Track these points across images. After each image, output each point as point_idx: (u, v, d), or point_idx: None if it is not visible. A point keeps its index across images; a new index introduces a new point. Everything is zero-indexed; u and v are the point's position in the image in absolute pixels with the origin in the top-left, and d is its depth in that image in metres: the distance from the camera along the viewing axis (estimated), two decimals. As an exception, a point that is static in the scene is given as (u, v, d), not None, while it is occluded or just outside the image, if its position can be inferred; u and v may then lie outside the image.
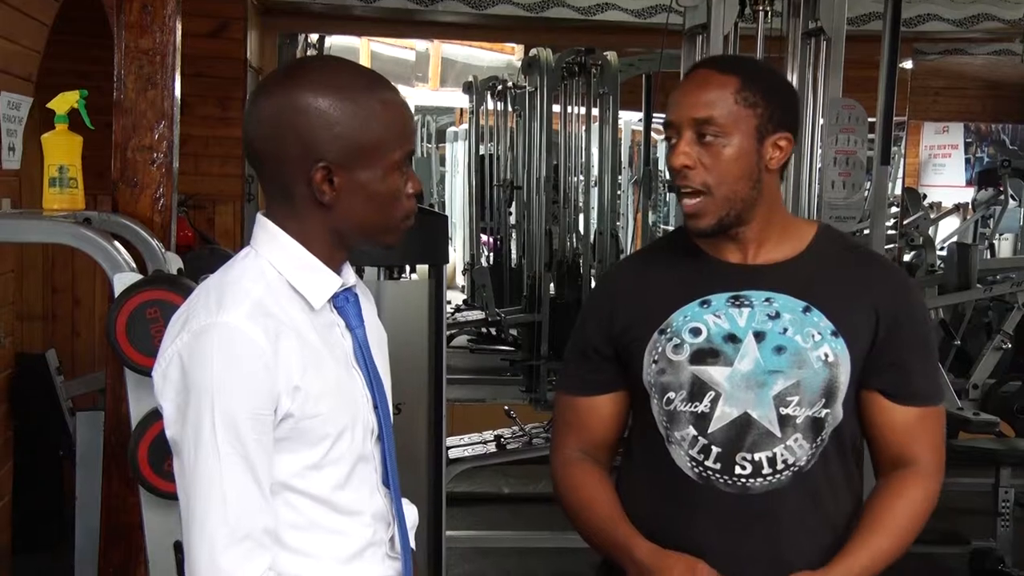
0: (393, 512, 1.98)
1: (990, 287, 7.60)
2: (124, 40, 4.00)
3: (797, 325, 2.13)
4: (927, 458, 2.17)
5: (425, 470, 4.18)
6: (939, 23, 7.82)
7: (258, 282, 1.83)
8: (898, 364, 2.17)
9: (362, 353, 1.94)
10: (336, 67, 1.91)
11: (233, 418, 1.73)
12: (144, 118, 4.03)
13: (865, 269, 2.27)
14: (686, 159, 2.09)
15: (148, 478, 2.94)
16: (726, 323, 2.14)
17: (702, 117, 2.08)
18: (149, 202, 4.00)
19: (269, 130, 1.84)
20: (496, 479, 7.23)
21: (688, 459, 2.12)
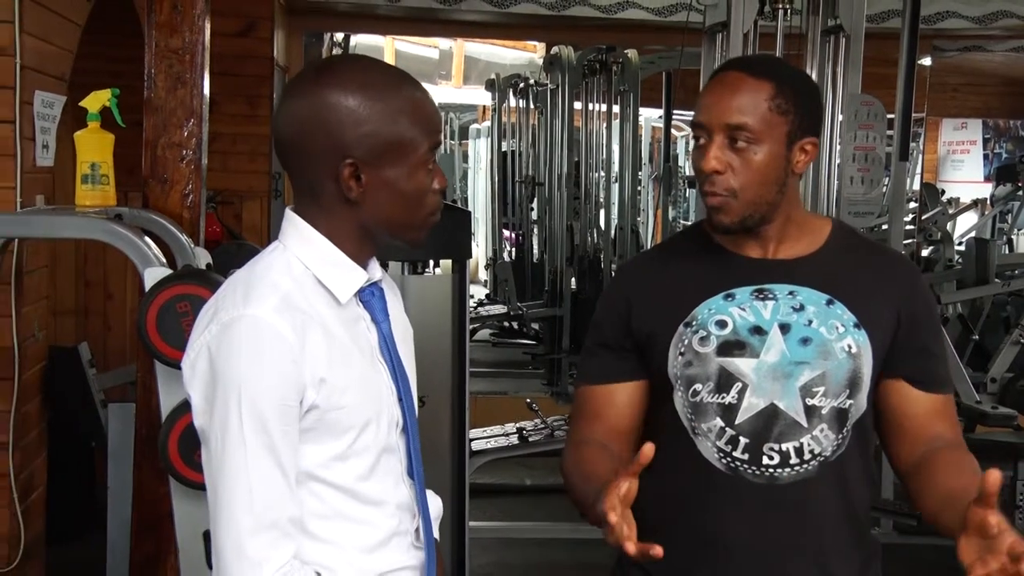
0: (417, 503, 1.99)
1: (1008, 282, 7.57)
2: (154, 39, 4.02)
3: (821, 317, 2.13)
4: (958, 438, 2.18)
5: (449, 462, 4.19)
6: (958, 20, 7.80)
7: (285, 276, 1.84)
8: (922, 353, 2.17)
9: (387, 346, 1.94)
10: (364, 66, 1.91)
11: (260, 409, 1.74)
12: (174, 116, 4.04)
13: (882, 264, 2.27)
14: (717, 164, 2.07)
15: (178, 469, 2.95)
16: (751, 316, 2.13)
17: (736, 123, 2.06)
18: (179, 198, 4.02)
19: (298, 127, 1.84)
20: (518, 471, 7.23)
21: (716, 450, 2.11)
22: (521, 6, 7.55)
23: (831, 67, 4.34)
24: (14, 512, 4.23)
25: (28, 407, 4.41)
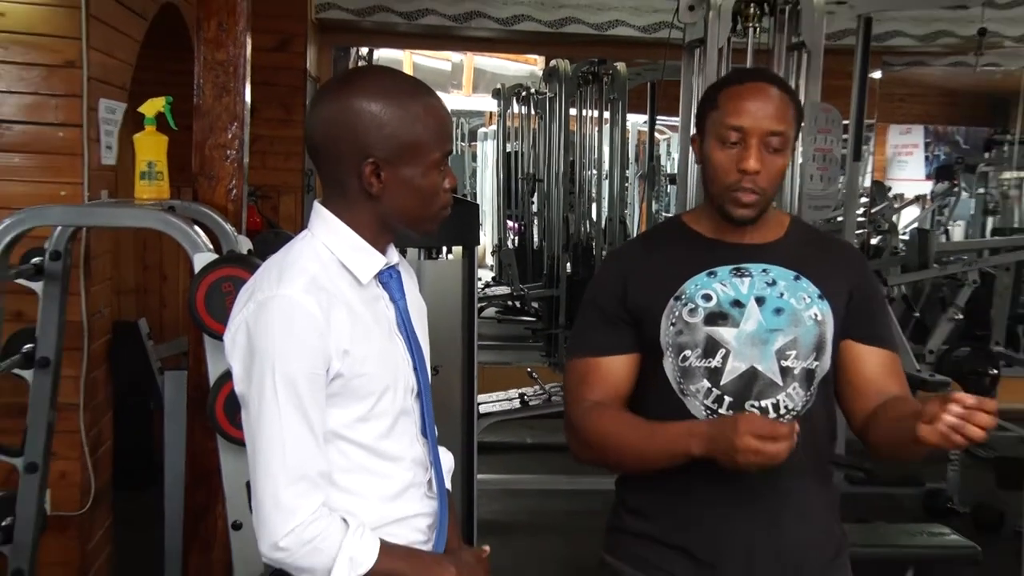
0: (430, 458, 2.00)
1: (945, 266, 7.61)
2: (203, 53, 4.02)
3: (791, 290, 2.16)
4: (906, 393, 2.20)
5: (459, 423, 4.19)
6: (904, 39, 7.89)
7: (314, 261, 1.85)
8: (868, 318, 2.21)
9: (403, 322, 1.95)
10: (386, 76, 1.91)
11: (291, 377, 1.75)
12: (219, 120, 4.04)
13: (834, 249, 2.33)
14: (758, 164, 2.09)
15: (224, 428, 2.96)
16: (731, 290, 2.16)
17: (777, 130, 2.09)
18: (224, 192, 4.02)
19: (327, 129, 1.84)
20: (520, 431, 7.25)
21: (703, 408, 2.13)
22: (524, 24, 7.60)
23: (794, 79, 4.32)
24: (85, 464, 4.27)
25: (96, 374, 4.42)
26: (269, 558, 1.81)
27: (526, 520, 5.91)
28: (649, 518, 2.20)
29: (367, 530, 1.83)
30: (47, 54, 4.07)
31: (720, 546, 2.14)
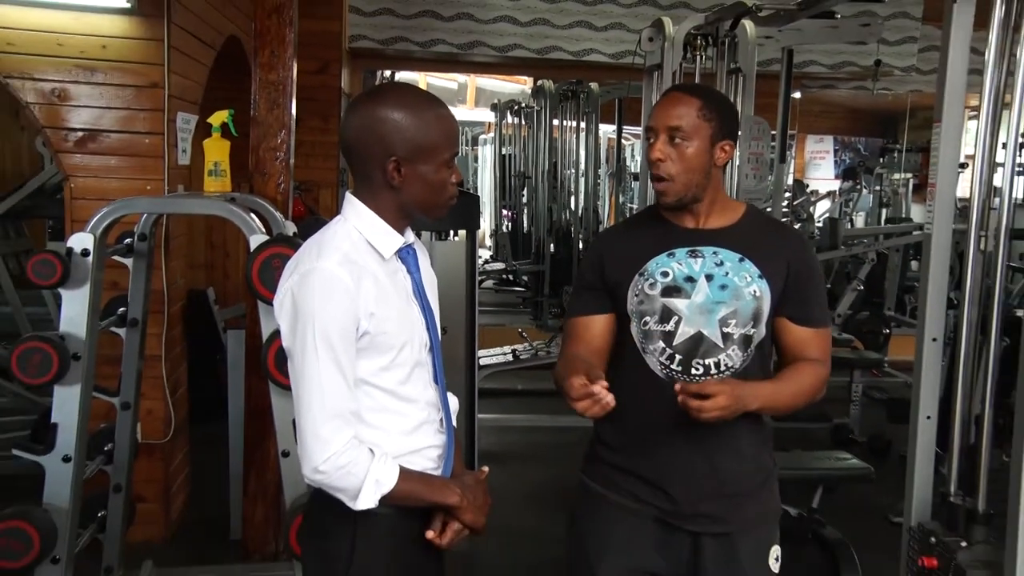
0: (440, 401, 1.99)
1: (850, 248, 7.67)
2: (258, 75, 4.03)
3: (735, 270, 2.14)
4: (820, 357, 2.18)
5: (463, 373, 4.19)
6: (817, 66, 8.03)
7: (346, 240, 1.84)
8: (801, 299, 2.18)
9: (418, 290, 1.94)
10: (406, 90, 1.91)
11: (328, 334, 1.75)
12: (271, 128, 4.04)
13: (780, 235, 2.28)
14: (661, 154, 2.10)
15: (274, 375, 2.95)
16: (685, 268, 2.14)
17: (674, 125, 2.09)
18: (274, 187, 4.02)
19: (358, 133, 1.84)
20: (512, 379, 7.24)
21: (659, 364, 2.13)
22: (516, 51, 7.64)
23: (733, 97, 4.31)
24: (166, 403, 4.31)
25: (174, 331, 4.44)
26: (311, 480, 1.81)
27: (517, 450, 5.92)
28: (616, 450, 2.19)
29: (389, 458, 1.83)
30: (137, 77, 4.11)
31: (670, 474, 2.14)
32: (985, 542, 2.60)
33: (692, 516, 2.14)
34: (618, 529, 2.20)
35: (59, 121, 4.08)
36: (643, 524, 2.18)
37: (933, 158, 2.77)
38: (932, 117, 2.78)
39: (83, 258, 3.20)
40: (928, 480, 2.85)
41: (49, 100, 4.05)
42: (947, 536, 2.67)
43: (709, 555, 2.16)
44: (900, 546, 2.86)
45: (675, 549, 2.17)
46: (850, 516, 4.60)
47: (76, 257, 3.19)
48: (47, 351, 3.14)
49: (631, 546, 2.19)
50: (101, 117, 4.10)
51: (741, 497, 2.18)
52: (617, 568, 2.19)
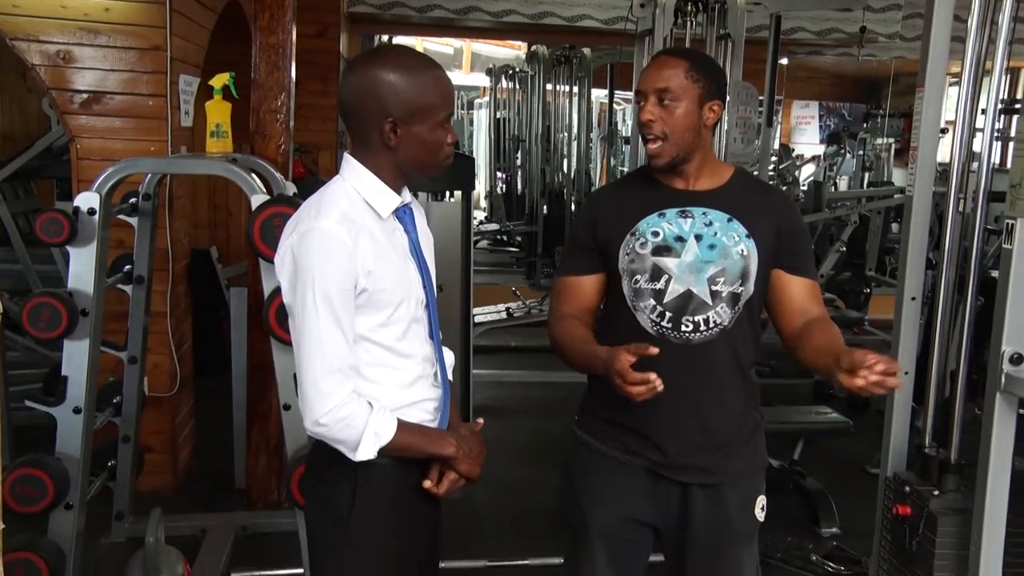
0: (436, 356, 1.99)
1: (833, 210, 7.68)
2: (259, 38, 4.02)
3: (724, 230, 2.13)
4: (823, 313, 2.19)
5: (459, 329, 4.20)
6: (804, 33, 7.98)
7: (344, 199, 1.82)
8: (794, 252, 2.17)
9: (415, 249, 1.93)
10: (402, 52, 1.88)
11: (327, 291, 1.74)
12: (271, 91, 4.03)
13: (767, 196, 2.27)
14: (650, 115, 2.08)
15: (275, 331, 2.95)
16: (675, 228, 2.13)
17: (662, 87, 2.07)
18: (274, 148, 4.01)
19: (355, 95, 1.82)
20: (506, 336, 7.27)
21: (650, 321, 2.12)
22: (511, 17, 7.62)
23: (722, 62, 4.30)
24: (172, 357, 4.31)
25: (178, 288, 4.44)
26: (312, 432, 1.81)
27: (511, 404, 5.93)
28: (608, 404, 2.18)
29: (387, 411, 1.83)
30: (140, 40, 4.07)
31: (661, 428, 2.14)
32: (956, 491, 2.63)
33: (682, 468, 2.15)
34: (611, 480, 2.21)
35: (64, 83, 4.05)
36: (635, 475, 2.19)
37: (915, 123, 2.76)
38: (915, 83, 2.77)
39: (89, 217, 3.20)
40: (904, 433, 2.87)
41: (54, 62, 4.02)
42: (921, 485, 2.70)
43: (698, 505, 2.17)
44: (876, 495, 2.90)
45: (665, 499, 2.19)
46: (829, 467, 4.65)
47: (83, 216, 3.19)
48: (56, 307, 3.15)
49: (623, 496, 2.20)
50: (105, 79, 4.07)
51: (729, 450, 2.18)
52: (610, 517, 2.21)
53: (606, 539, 2.22)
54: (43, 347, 4.86)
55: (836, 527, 4.14)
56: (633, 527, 2.22)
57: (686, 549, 2.21)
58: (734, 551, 2.22)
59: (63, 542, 3.17)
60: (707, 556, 2.20)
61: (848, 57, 9.29)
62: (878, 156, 10.60)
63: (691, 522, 2.18)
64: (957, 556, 2.57)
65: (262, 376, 4.01)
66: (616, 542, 2.22)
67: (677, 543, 2.22)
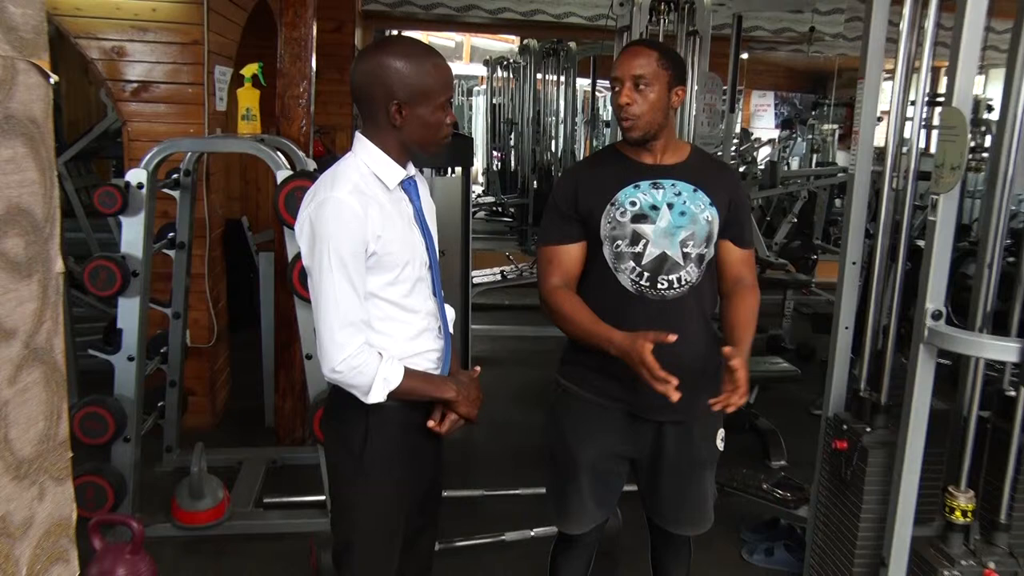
0: (439, 311, 1.98)
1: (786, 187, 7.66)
2: (283, 33, 3.99)
3: (691, 199, 2.13)
4: (752, 279, 2.21)
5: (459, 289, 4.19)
6: (762, 31, 8.02)
7: (356, 172, 1.81)
8: (739, 224, 2.19)
9: (419, 216, 1.92)
10: (406, 42, 1.85)
11: (341, 254, 1.74)
12: (295, 79, 4.00)
13: (720, 171, 2.26)
14: (628, 99, 2.08)
15: (298, 290, 2.96)
16: (650, 198, 2.13)
17: (638, 74, 2.07)
18: (297, 129, 3.98)
19: (365, 79, 1.80)
20: (501, 295, 7.27)
21: (630, 281, 2.13)
22: (505, 13, 7.66)
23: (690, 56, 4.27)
24: (209, 313, 4.32)
25: (215, 253, 4.43)
26: (329, 378, 1.82)
27: (505, 355, 5.96)
28: (588, 352, 2.18)
29: (395, 360, 1.84)
30: (182, 35, 4.06)
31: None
32: (885, 427, 2.66)
33: (657, 408, 2.15)
34: (593, 420, 2.23)
35: (118, 74, 4.04)
36: (613, 416, 2.20)
37: (856, 111, 2.76)
38: (856, 77, 2.76)
39: (138, 190, 3.21)
40: (843, 379, 2.89)
41: (109, 56, 4.01)
42: (855, 423, 2.73)
43: (669, 439, 2.21)
44: (818, 432, 2.92)
45: (640, 435, 2.21)
46: (779, 409, 4.68)
47: (133, 189, 3.20)
48: (112, 269, 3.17)
49: (605, 434, 2.22)
50: (152, 70, 4.06)
51: (697, 392, 2.18)
52: (594, 452, 2.23)
53: (590, 470, 2.25)
54: (102, 304, 4.89)
55: (784, 460, 4.18)
56: (613, 459, 2.25)
57: (659, 475, 2.25)
58: (700, 475, 2.28)
59: (123, 469, 3.22)
60: (677, 480, 2.25)
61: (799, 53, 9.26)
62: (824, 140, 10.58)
63: (663, 454, 2.22)
64: (883, 482, 2.60)
65: (287, 330, 4.02)
66: (598, 472, 2.25)
67: (651, 471, 2.26)
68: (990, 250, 2.49)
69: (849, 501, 2.72)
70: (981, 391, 2.57)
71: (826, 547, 2.86)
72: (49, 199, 1.27)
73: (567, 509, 2.30)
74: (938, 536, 2.56)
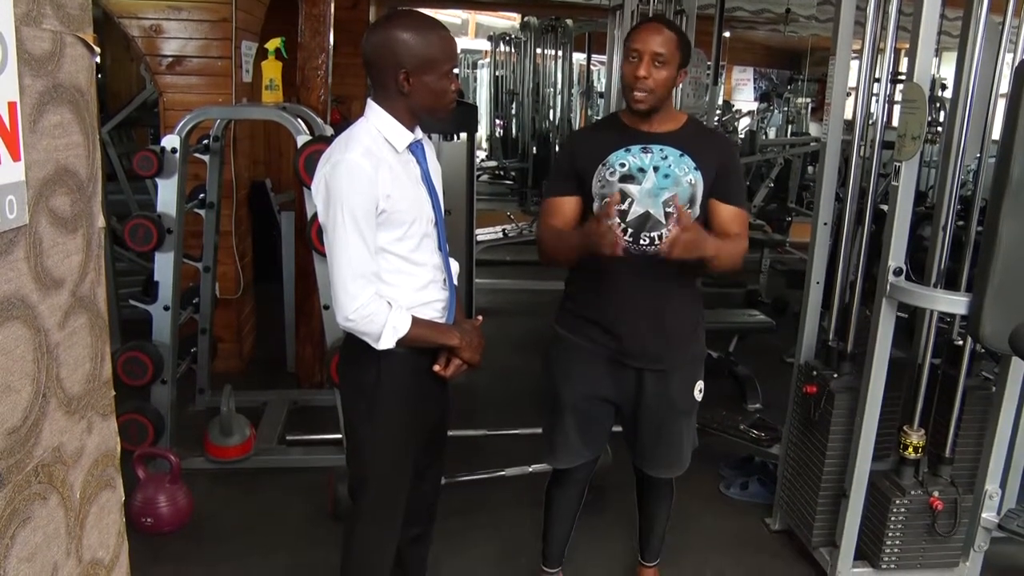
0: (444, 264, 1.98)
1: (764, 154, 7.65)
2: (304, 9, 3.97)
3: (676, 163, 2.12)
4: (740, 232, 2.17)
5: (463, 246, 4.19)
6: (743, 12, 7.91)
7: (367, 136, 1.80)
8: (728, 186, 2.16)
9: (426, 177, 1.91)
10: (414, 15, 1.83)
11: (353, 212, 1.73)
12: (314, 52, 3.98)
13: (712, 139, 2.25)
14: (646, 72, 2.05)
15: (316, 246, 2.96)
16: (638, 161, 2.12)
17: (659, 52, 2.04)
18: (316, 98, 3.97)
19: (376, 50, 1.79)
20: (502, 252, 7.27)
21: None
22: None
23: (677, 33, 4.26)
24: (236, 267, 4.33)
25: (241, 212, 4.43)
26: (343, 326, 1.82)
27: (505, 306, 5.97)
28: (581, 302, 2.21)
29: (403, 309, 1.84)
30: (212, 13, 4.04)
31: (621, 323, 2.17)
32: (850, 374, 2.69)
33: (638, 356, 2.17)
34: (580, 364, 2.24)
35: (155, 50, 4.03)
36: (598, 361, 2.21)
37: (828, 86, 2.75)
38: (828, 55, 2.75)
39: (172, 155, 3.22)
40: (814, 330, 2.92)
41: (148, 34, 4.01)
42: (824, 370, 2.76)
43: (649, 386, 2.21)
44: (791, 378, 2.95)
45: (623, 380, 2.22)
46: (756, 357, 4.71)
47: (167, 154, 3.21)
48: (149, 226, 3.19)
49: (589, 377, 2.23)
50: (185, 46, 4.04)
51: (676, 342, 2.20)
52: (578, 393, 2.24)
53: (574, 410, 2.26)
54: (141, 259, 4.92)
55: (759, 403, 4.22)
56: (596, 402, 2.26)
57: (638, 420, 2.26)
58: (676, 422, 2.27)
59: (161, 408, 3.25)
60: (654, 425, 2.26)
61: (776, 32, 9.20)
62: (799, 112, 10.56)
63: (643, 399, 2.22)
64: (847, 422, 2.64)
65: (306, 282, 4.04)
66: (581, 412, 2.26)
67: (632, 415, 2.27)
68: (944, 214, 2.50)
69: (816, 440, 2.76)
70: (934, 341, 2.61)
71: (795, 481, 2.90)
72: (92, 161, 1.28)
73: (553, 444, 2.32)
74: (892, 470, 2.61)
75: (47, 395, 1.16)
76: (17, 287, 1.08)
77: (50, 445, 1.17)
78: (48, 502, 1.17)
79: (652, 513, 2.52)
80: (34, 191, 1.11)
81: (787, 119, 10.57)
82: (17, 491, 1.09)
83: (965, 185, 2.64)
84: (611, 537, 2.96)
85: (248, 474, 3.32)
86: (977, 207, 2.61)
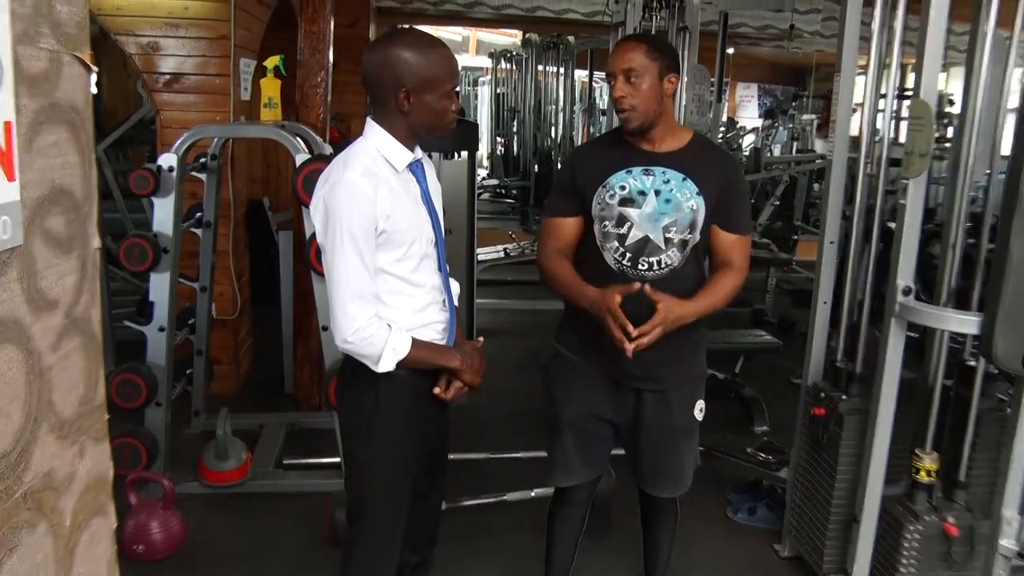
0: (444, 285, 1.97)
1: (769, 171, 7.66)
2: (303, 27, 4.00)
3: (678, 188, 2.11)
4: (739, 263, 2.17)
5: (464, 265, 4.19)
6: (747, 28, 7.97)
7: (367, 156, 1.80)
8: (729, 211, 2.15)
9: (426, 197, 1.91)
10: (414, 33, 1.84)
11: (352, 232, 1.73)
12: (313, 70, 4.00)
13: (717, 158, 2.22)
14: (622, 92, 2.06)
15: (314, 266, 2.96)
16: (639, 184, 2.11)
17: (627, 67, 2.05)
18: (315, 116, 3.98)
19: (376, 68, 1.79)
20: (503, 271, 7.27)
21: (613, 259, 2.13)
22: (509, 10, 7.59)
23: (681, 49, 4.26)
24: (233, 287, 4.34)
25: (238, 231, 4.44)
26: (342, 348, 1.82)
27: (507, 326, 5.98)
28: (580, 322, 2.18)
29: (403, 331, 1.83)
30: (210, 31, 4.07)
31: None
32: (859, 395, 2.67)
33: (638, 376, 2.17)
34: (579, 384, 2.23)
35: (152, 67, 4.07)
36: (598, 381, 2.21)
37: (833, 103, 2.76)
38: (833, 71, 2.76)
39: (169, 173, 3.22)
40: (822, 350, 2.90)
41: (145, 51, 4.04)
42: (832, 391, 2.74)
43: (648, 406, 2.20)
44: (798, 400, 2.94)
45: (622, 401, 2.21)
46: (762, 378, 4.69)
47: (164, 173, 3.22)
48: (144, 245, 3.20)
49: (588, 396, 2.23)
50: (183, 63, 4.07)
51: (675, 363, 2.20)
52: (577, 413, 2.24)
53: (573, 428, 2.26)
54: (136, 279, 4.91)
55: (766, 426, 4.19)
56: (595, 421, 2.25)
57: (638, 440, 2.25)
58: (675, 441, 2.26)
59: (156, 431, 3.24)
60: (654, 445, 2.25)
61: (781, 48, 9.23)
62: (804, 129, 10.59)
63: (642, 419, 2.22)
64: (857, 445, 2.62)
65: (305, 303, 4.04)
66: (581, 430, 2.26)
67: (631, 435, 2.26)
68: (953, 232, 2.50)
69: (825, 463, 2.74)
70: (945, 361, 2.60)
71: (804, 505, 2.88)
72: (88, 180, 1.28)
73: (553, 462, 2.32)
74: (905, 494, 2.58)
75: (39, 419, 1.15)
76: (10, 309, 1.07)
77: (41, 471, 1.16)
78: (36, 530, 1.16)
79: (656, 536, 2.50)
80: (29, 211, 1.11)
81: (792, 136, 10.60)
82: (4, 519, 1.07)
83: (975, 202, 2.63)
84: (615, 563, 2.93)
85: (244, 499, 3.30)
86: (988, 224, 2.61)
